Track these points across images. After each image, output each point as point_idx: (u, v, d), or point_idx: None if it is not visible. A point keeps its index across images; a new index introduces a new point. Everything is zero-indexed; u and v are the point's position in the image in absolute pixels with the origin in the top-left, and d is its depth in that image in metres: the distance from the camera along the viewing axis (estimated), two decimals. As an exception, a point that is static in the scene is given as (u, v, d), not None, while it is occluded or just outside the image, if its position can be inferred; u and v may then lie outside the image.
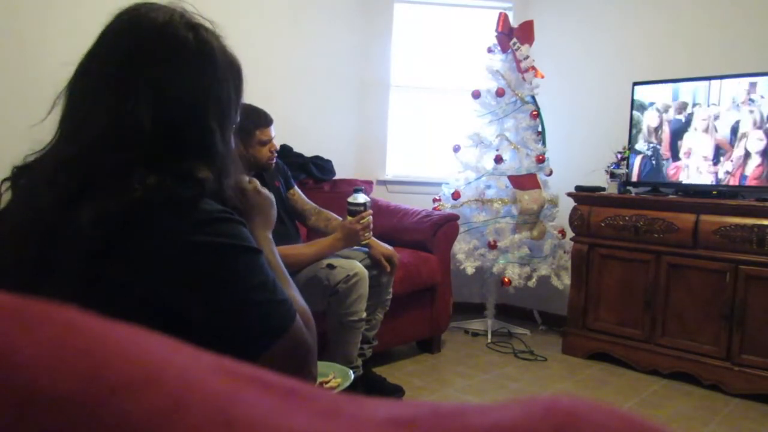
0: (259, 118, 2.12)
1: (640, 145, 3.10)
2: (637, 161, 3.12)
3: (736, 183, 2.79)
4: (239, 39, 0.99)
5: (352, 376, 1.39)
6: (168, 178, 0.73)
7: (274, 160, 2.22)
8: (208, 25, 0.83)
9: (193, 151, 0.78)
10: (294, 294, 0.92)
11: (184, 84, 0.77)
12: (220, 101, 0.80)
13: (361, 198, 2.23)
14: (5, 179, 0.79)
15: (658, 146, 3.05)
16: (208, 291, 0.73)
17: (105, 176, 0.71)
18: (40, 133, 0.80)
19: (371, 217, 2.25)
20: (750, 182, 2.75)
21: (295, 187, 2.49)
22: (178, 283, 0.71)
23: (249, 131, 2.09)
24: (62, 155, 0.75)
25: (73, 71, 0.79)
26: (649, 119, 3.08)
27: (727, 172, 2.81)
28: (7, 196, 0.79)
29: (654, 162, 3.07)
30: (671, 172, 3.02)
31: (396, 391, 2.47)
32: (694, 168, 2.93)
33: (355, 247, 2.34)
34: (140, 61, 0.76)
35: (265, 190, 1.03)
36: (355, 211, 2.22)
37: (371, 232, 2.27)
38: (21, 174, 0.79)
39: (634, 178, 3.13)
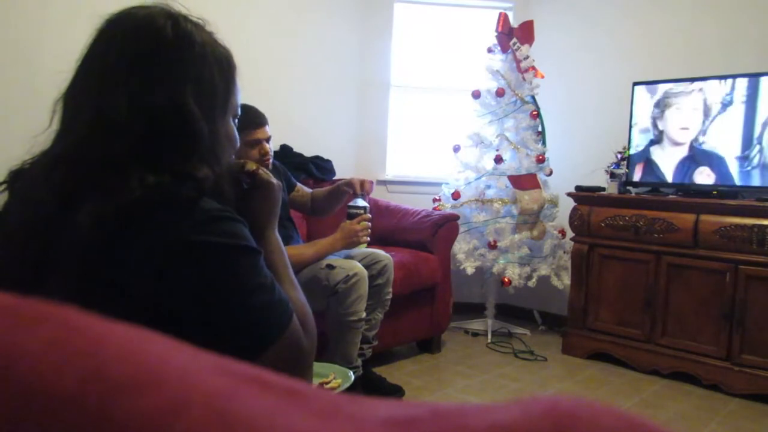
0: (248, 121, 1.94)
1: (640, 142, 3.10)
2: (641, 164, 3.12)
3: (736, 183, 2.79)
4: (239, 39, 0.99)
5: (352, 377, 1.39)
6: (167, 178, 0.73)
7: (270, 163, 2.08)
8: (194, 18, 0.83)
9: (177, 138, 0.77)
10: (294, 294, 0.91)
11: (160, 70, 0.76)
12: (200, 85, 0.79)
13: (361, 202, 2.27)
14: (1, 182, 0.80)
15: (657, 146, 3.05)
16: (205, 291, 0.72)
17: (101, 174, 0.71)
18: (43, 141, 0.80)
19: (370, 222, 2.27)
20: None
21: (298, 183, 2.50)
22: (175, 282, 0.71)
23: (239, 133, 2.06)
24: (53, 155, 0.76)
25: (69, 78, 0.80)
26: (649, 119, 3.08)
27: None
28: (3, 199, 0.79)
29: (654, 161, 3.07)
30: (671, 172, 3.01)
31: (396, 391, 2.47)
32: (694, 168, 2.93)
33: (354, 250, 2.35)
34: (117, 52, 0.77)
35: (269, 175, 1.00)
36: (354, 213, 2.24)
37: (369, 236, 2.28)
38: (17, 177, 0.79)
39: (636, 178, 3.13)
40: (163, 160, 0.75)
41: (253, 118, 2.01)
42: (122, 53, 0.77)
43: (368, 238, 2.27)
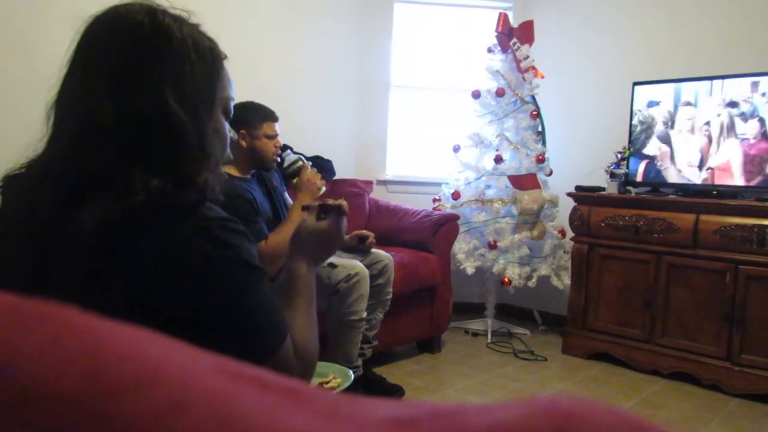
0: (266, 113, 2.20)
1: (649, 149, 3.10)
2: (642, 165, 3.11)
3: (735, 183, 2.79)
4: (239, 39, 0.99)
5: (352, 377, 1.39)
6: (170, 183, 0.73)
7: (278, 158, 2.26)
8: (175, 12, 0.81)
9: (162, 137, 0.75)
10: (302, 321, 0.89)
11: (139, 69, 0.75)
12: (181, 82, 0.77)
13: (292, 156, 2.26)
14: None
15: (660, 147, 3.05)
16: (196, 299, 0.72)
17: (100, 176, 0.71)
18: (37, 146, 0.80)
19: (313, 167, 2.25)
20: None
21: (285, 194, 2.51)
22: (171, 286, 0.70)
23: (256, 124, 2.15)
24: (45, 160, 0.75)
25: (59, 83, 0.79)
26: (651, 119, 3.08)
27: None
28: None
29: (657, 164, 3.06)
30: (671, 171, 3.01)
31: (396, 391, 2.47)
32: (695, 168, 2.93)
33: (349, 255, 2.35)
34: (98, 53, 0.76)
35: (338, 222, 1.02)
36: (296, 168, 2.24)
37: (324, 181, 2.26)
38: (11, 182, 0.79)
39: (639, 178, 3.10)
40: (154, 160, 0.74)
41: (271, 113, 2.21)
42: (103, 54, 0.76)
43: (324, 181, 2.25)
